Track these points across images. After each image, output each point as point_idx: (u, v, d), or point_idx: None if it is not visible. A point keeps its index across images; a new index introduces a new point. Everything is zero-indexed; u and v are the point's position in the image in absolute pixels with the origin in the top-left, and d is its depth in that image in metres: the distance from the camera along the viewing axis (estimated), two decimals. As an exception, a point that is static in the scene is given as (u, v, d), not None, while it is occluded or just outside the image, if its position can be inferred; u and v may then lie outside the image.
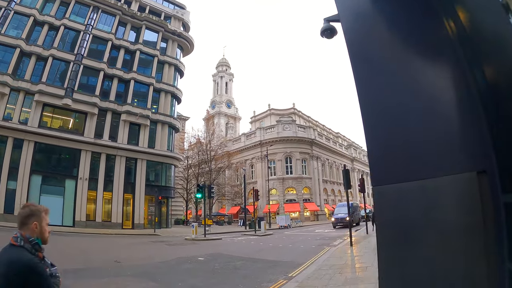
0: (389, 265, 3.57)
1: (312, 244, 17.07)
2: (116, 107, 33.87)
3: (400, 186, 3.32)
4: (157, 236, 25.69)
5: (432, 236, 3.26)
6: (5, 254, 1.89)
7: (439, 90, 3.31)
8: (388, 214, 3.43)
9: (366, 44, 3.92)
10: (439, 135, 3.30)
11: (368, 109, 3.86)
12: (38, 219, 2.04)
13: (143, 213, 33.07)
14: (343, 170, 14.72)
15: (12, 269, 1.81)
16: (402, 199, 3.30)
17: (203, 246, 17.84)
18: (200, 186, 24.11)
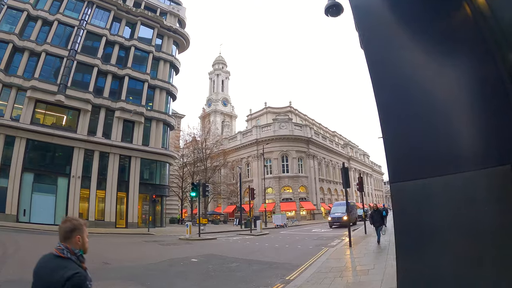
0: (411, 272, 3.03)
1: (310, 245, 16.58)
2: (110, 104, 33.13)
3: (424, 183, 2.80)
4: (151, 236, 25.10)
5: (459, 237, 2.72)
6: (52, 264, 2.01)
7: (469, 84, 2.81)
8: (409, 213, 2.91)
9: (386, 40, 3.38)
10: (469, 129, 2.78)
11: (386, 103, 3.34)
12: (80, 233, 2.17)
13: (137, 212, 32.41)
14: (342, 168, 14.22)
15: (60, 281, 1.90)
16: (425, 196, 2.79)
17: (197, 246, 17.28)
18: (194, 184, 23.52)
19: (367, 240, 15.48)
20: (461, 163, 2.52)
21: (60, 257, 2.05)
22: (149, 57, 37.27)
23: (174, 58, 40.22)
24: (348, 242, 15.36)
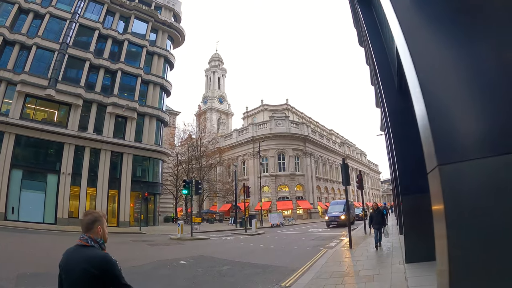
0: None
1: (307, 245, 15.61)
2: (101, 99, 32.10)
3: (491, 161, 1.82)
4: (141, 235, 24.14)
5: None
6: (80, 253, 2.26)
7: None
8: (467, 205, 1.95)
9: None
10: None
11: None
12: (101, 224, 2.41)
13: (129, 210, 31.35)
14: (342, 164, 13.26)
15: (92, 263, 2.19)
16: (492, 180, 1.81)
17: (188, 247, 16.31)
18: (186, 181, 22.49)
19: (368, 241, 14.54)
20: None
21: (85, 246, 2.29)
22: (143, 51, 36.19)
23: (169, 53, 39.12)
24: (347, 242, 14.42)
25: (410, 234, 9.03)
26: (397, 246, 11.96)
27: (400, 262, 9.17)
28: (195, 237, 21.07)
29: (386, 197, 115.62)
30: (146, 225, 31.88)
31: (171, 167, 44.03)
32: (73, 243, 2.36)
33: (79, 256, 2.23)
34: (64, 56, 30.54)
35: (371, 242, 13.71)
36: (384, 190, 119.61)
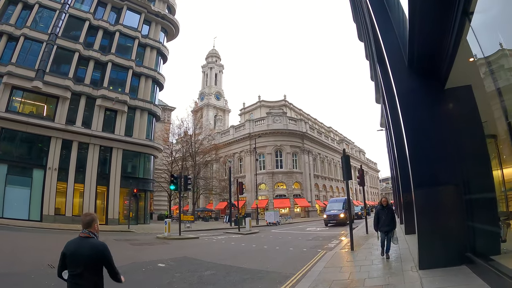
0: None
1: (303, 246, 14.09)
2: (91, 91, 30.61)
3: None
4: (128, 233, 22.66)
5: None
6: (86, 243, 3.20)
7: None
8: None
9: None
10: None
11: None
12: (96, 222, 3.47)
13: (118, 208, 29.79)
14: (342, 156, 11.74)
15: (96, 249, 3.21)
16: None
17: (173, 247, 14.81)
18: (174, 176, 20.95)
19: (371, 242, 13.02)
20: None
21: (88, 238, 3.27)
22: (135, 43, 34.64)
23: (162, 45, 37.49)
24: (347, 243, 12.95)
25: (425, 235, 7.53)
26: (403, 248, 10.51)
27: (412, 268, 7.69)
28: (184, 236, 19.61)
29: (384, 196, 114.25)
30: (136, 223, 30.40)
31: (166, 164, 42.39)
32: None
33: (86, 244, 3.20)
34: (52, 47, 29.15)
35: (375, 244, 12.23)
36: (382, 189, 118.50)
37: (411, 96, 8.37)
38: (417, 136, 8.03)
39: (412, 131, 8.11)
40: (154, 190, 35.66)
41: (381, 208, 9.57)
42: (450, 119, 7.84)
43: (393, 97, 9.37)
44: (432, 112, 8.19)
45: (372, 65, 31.29)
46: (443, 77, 7.59)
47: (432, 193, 7.43)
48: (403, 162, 12.91)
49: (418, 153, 7.93)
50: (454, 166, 7.53)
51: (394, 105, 14.15)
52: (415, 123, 8.17)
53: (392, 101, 14.13)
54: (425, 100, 8.20)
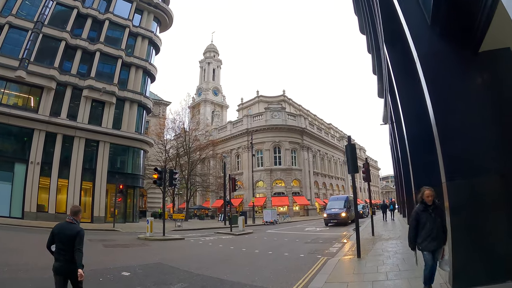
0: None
1: (301, 251, 12.01)
2: (77, 82, 28.68)
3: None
4: (111, 233, 20.67)
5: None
6: (69, 226, 4.24)
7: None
8: None
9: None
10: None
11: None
12: (81, 213, 4.58)
13: (104, 205, 27.77)
14: (347, 145, 9.70)
15: (73, 232, 4.15)
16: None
17: (151, 250, 12.79)
18: (158, 170, 18.91)
19: (379, 246, 10.95)
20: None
21: (72, 223, 4.29)
22: (125, 32, 32.59)
23: (154, 34, 35.32)
24: (352, 248, 10.96)
25: (461, 243, 5.49)
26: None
27: (441, 285, 5.69)
28: (168, 236, 17.61)
29: (385, 194, 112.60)
30: (124, 221, 28.42)
31: (159, 160, 40.29)
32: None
33: (68, 227, 4.23)
34: (38, 36, 27.34)
35: (385, 249, 10.20)
36: (383, 187, 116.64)
37: (437, 61, 6.35)
38: (448, 111, 6.00)
39: (441, 104, 6.07)
40: (143, 187, 33.64)
41: (424, 208, 5.21)
42: (488, 89, 5.89)
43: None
44: (465, 81, 6.22)
45: (374, 56, 29.40)
46: (477, 37, 5.62)
47: (473, 185, 5.40)
48: (418, 151, 11.01)
49: (450, 133, 5.89)
50: (498, 149, 5.55)
51: (405, 90, 12.17)
52: (445, 93, 6.14)
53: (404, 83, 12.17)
54: (455, 66, 6.23)
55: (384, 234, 13.93)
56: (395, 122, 19.71)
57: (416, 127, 11.44)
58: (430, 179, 10.75)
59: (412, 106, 11.79)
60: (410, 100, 12.06)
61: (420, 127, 11.22)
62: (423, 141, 11.25)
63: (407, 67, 12.81)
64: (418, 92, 11.20)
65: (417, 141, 11.35)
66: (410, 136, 11.65)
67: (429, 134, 6.68)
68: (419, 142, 11.20)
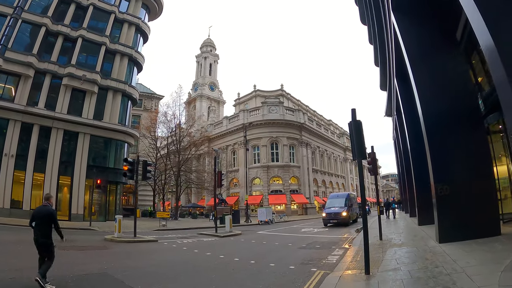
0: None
1: (291, 260, 9.38)
2: (57, 70, 26.36)
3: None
4: (81, 232, 18.26)
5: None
6: (45, 208, 6.16)
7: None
8: None
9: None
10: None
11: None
12: (53, 199, 6.59)
13: (83, 202, 25.29)
14: (350, 122, 7.11)
15: (48, 212, 6.09)
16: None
17: (107, 255, 10.25)
18: (128, 161, 16.37)
19: (392, 255, 8.33)
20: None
21: (46, 206, 6.18)
22: (111, 18, 30.10)
23: (142, 21, 32.68)
24: (355, 257, 8.44)
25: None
26: (447, 261, 6.08)
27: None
28: (140, 238, 15.09)
29: (385, 193, 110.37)
30: (105, 219, 25.92)
31: (150, 156, 37.85)
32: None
33: (44, 209, 6.09)
34: (17, 21, 25.26)
35: (400, 259, 7.64)
36: (383, 186, 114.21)
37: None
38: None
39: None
40: (127, 182, 31.18)
41: None
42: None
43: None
44: None
45: (377, 47, 27.05)
46: None
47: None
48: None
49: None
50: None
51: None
52: None
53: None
54: None
55: (394, 238, 11.39)
56: (404, 112, 17.42)
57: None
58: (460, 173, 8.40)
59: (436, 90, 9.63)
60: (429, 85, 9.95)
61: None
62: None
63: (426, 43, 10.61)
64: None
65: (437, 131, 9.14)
66: (429, 124, 9.46)
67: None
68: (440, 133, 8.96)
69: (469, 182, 8.41)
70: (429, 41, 10.51)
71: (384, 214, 27.81)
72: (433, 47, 10.45)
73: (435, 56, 10.40)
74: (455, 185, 8.44)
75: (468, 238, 8.16)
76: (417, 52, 10.69)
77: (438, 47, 10.41)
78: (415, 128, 14.83)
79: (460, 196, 8.34)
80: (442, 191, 8.39)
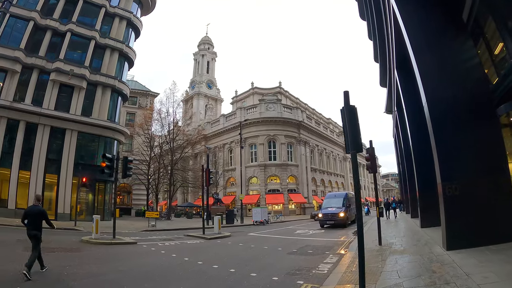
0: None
1: (276, 270, 8.06)
2: (44, 64, 25.41)
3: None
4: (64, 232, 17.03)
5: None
6: (36, 208, 7.35)
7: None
8: None
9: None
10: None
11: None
12: (41, 200, 7.92)
13: (69, 200, 24.17)
14: (343, 107, 5.87)
15: (40, 211, 7.32)
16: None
17: (76, 258, 9.07)
18: (107, 157, 15.21)
19: (393, 265, 7.08)
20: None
21: (37, 206, 7.39)
22: (101, 12, 29.08)
23: (134, 16, 31.48)
24: (351, 265, 7.26)
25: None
26: (459, 276, 4.91)
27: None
28: (118, 240, 13.94)
29: (385, 192, 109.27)
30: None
31: (143, 153, 36.59)
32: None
33: (36, 208, 7.29)
34: (5, 16, 24.54)
35: (402, 272, 6.43)
36: (383, 185, 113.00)
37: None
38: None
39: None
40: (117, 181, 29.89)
41: None
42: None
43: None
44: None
45: (376, 42, 25.92)
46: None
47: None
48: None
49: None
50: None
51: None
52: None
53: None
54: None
55: (394, 243, 10.17)
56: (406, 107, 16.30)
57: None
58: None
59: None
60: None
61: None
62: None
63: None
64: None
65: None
66: (434, 118, 8.26)
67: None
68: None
69: (482, 180, 7.22)
70: (433, 25, 9.39)
71: (384, 215, 26.92)
72: (438, 31, 9.32)
73: (440, 42, 9.25)
74: (465, 184, 7.26)
75: (480, 244, 6.99)
76: (420, 39, 9.54)
77: (443, 31, 9.28)
78: (417, 123, 13.73)
79: (471, 196, 7.16)
80: (451, 190, 7.18)
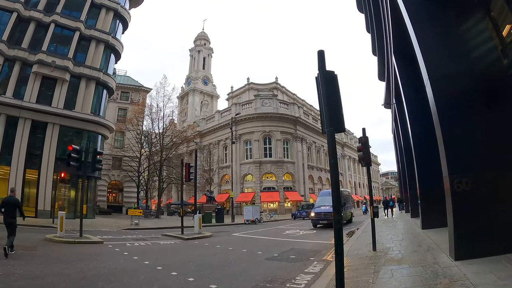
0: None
1: (244, 282, 6.32)
2: (27, 57, 24.08)
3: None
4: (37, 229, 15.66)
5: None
6: (12, 198, 8.60)
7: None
8: None
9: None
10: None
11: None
12: (16, 191, 10.23)
13: (50, 197, 22.76)
14: (319, 75, 4.37)
15: (14, 201, 8.60)
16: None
17: (26, 258, 7.56)
18: (75, 149, 13.82)
19: (388, 280, 5.55)
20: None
21: (13, 196, 8.68)
22: (87, 2, 27.61)
23: (121, 7, 29.90)
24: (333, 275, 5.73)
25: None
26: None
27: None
28: (85, 239, 12.53)
29: (385, 191, 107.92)
30: (74, 216, 23.26)
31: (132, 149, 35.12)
32: None
33: (12, 198, 8.52)
34: None
35: (397, 286, 4.98)
36: (383, 183, 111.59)
37: None
38: None
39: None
40: (100, 177, 28.53)
41: None
42: None
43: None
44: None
45: (374, 35, 24.55)
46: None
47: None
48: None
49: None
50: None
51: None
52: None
53: None
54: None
55: (391, 248, 8.62)
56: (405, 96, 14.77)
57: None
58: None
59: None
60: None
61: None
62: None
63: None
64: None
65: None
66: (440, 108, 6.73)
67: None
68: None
69: (498, 172, 5.71)
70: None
71: (384, 212, 26.50)
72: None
73: (443, 13, 7.74)
74: (477, 178, 5.75)
75: (496, 252, 5.50)
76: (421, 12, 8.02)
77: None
78: (418, 112, 12.35)
79: (485, 192, 5.66)
80: (460, 185, 5.67)
